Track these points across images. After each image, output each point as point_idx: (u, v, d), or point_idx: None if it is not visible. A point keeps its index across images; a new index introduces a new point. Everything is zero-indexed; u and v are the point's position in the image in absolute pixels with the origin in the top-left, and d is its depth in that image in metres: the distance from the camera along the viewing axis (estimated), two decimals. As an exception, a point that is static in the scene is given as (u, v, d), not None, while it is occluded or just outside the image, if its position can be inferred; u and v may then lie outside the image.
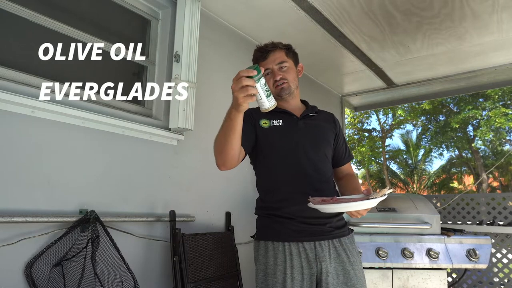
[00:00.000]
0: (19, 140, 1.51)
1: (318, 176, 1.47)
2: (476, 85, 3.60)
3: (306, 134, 1.51)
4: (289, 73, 1.52)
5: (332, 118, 1.66)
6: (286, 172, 1.47)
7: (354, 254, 1.43)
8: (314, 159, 1.48)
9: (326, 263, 1.36)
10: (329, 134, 1.58)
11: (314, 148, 1.49)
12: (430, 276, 2.17)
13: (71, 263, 1.54)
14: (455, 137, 13.61)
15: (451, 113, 13.16)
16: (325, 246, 1.38)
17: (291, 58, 1.55)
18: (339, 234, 1.42)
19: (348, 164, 1.65)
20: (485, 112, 11.70)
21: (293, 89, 1.54)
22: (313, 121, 1.57)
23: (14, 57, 1.63)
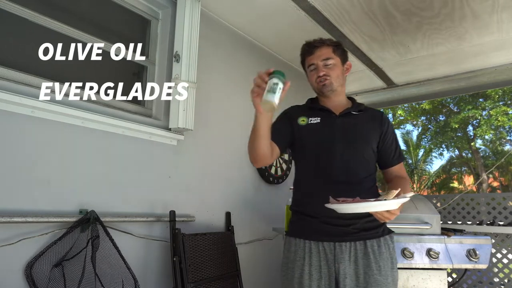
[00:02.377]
0: (19, 140, 1.51)
1: (349, 177, 1.44)
2: (476, 85, 3.59)
3: (342, 133, 1.49)
4: (334, 70, 1.51)
5: (379, 117, 1.56)
6: (315, 171, 1.48)
7: (383, 258, 1.37)
8: (347, 159, 1.45)
9: (345, 265, 1.35)
10: (371, 134, 1.52)
11: (348, 147, 1.47)
12: (430, 276, 2.16)
13: (71, 263, 1.54)
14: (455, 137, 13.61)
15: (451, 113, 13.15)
16: (346, 247, 1.37)
17: (338, 55, 1.54)
18: (364, 236, 1.38)
19: (397, 166, 1.55)
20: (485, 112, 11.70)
21: (336, 86, 1.51)
22: (353, 120, 1.52)
23: (14, 57, 1.63)
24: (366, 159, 1.49)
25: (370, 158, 1.52)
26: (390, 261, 1.40)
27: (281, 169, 2.97)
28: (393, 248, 1.44)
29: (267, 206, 2.81)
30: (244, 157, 2.68)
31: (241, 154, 2.66)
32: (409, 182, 1.56)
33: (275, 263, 2.86)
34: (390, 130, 1.56)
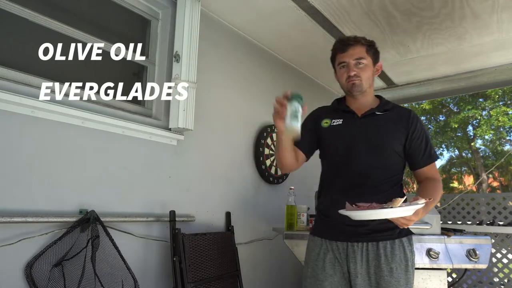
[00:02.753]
0: (19, 140, 1.51)
1: (367, 180, 1.45)
2: (476, 85, 3.59)
3: (362, 134, 1.48)
4: (365, 70, 1.48)
5: (406, 117, 1.50)
6: (334, 172, 1.53)
7: (396, 260, 1.37)
8: (365, 162, 1.45)
9: (356, 265, 1.38)
10: (395, 134, 1.47)
11: (367, 149, 1.46)
12: (430, 276, 2.16)
13: (71, 263, 1.54)
14: (455, 137, 13.59)
15: (451, 113, 13.14)
16: (358, 248, 1.39)
17: (370, 56, 1.51)
18: (377, 238, 1.39)
19: (427, 167, 1.48)
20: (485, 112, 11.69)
21: (365, 87, 1.49)
22: (376, 121, 1.50)
23: (14, 57, 1.63)
24: (387, 161, 1.47)
25: (393, 160, 1.48)
26: (404, 263, 1.38)
27: (281, 169, 2.97)
28: (411, 251, 1.42)
29: (267, 206, 2.81)
30: (244, 157, 2.69)
31: (241, 154, 2.66)
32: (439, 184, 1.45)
33: (275, 263, 2.86)
34: (418, 130, 1.48)
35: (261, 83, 2.93)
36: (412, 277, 1.40)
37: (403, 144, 1.48)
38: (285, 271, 2.96)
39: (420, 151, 1.48)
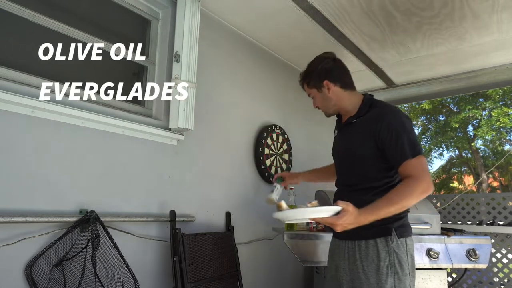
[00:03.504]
0: (19, 140, 1.51)
1: (348, 186, 1.59)
2: (476, 85, 3.59)
3: (341, 143, 1.66)
4: (316, 100, 1.66)
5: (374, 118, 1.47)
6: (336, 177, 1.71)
7: (368, 259, 1.42)
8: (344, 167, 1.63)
9: (340, 260, 1.56)
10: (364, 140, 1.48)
11: (343, 157, 1.63)
12: (430, 276, 2.17)
13: (71, 263, 1.54)
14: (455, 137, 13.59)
15: (451, 113, 13.14)
16: (342, 245, 1.56)
17: (312, 87, 1.64)
18: (354, 237, 1.48)
19: (401, 166, 1.38)
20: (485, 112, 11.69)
21: (330, 110, 1.65)
22: (351, 129, 1.57)
23: (14, 57, 1.63)
24: (363, 169, 1.51)
25: (369, 167, 1.48)
26: (375, 262, 1.40)
27: (281, 169, 2.97)
28: (388, 251, 1.40)
29: (267, 206, 2.81)
30: (244, 157, 2.69)
31: (241, 154, 2.66)
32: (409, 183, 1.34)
33: (275, 263, 2.86)
34: (385, 129, 1.41)
35: (261, 83, 2.93)
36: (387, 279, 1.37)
37: (375, 148, 1.45)
38: (285, 271, 2.96)
39: (391, 152, 1.41)
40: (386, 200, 1.32)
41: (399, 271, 1.39)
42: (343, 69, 1.63)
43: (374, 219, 1.30)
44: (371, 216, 1.30)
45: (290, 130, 3.15)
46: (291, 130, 3.17)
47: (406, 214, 1.51)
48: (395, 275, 1.39)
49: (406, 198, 1.31)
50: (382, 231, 1.43)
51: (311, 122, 3.49)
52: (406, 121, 1.44)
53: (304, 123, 3.42)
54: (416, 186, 1.32)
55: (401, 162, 1.38)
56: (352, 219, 1.26)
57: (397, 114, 1.46)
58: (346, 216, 1.25)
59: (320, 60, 1.62)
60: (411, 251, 1.46)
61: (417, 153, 1.38)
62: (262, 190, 2.80)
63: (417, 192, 1.31)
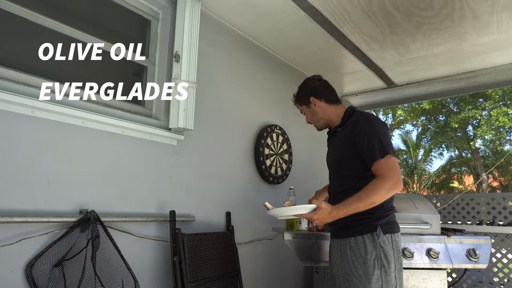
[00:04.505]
0: (19, 140, 1.51)
1: (335, 188, 1.76)
2: (476, 85, 3.60)
3: (330, 152, 1.84)
4: (308, 115, 1.88)
5: (351, 125, 1.65)
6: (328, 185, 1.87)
7: (356, 253, 1.55)
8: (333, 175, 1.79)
9: (334, 257, 1.68)
10: (344, 145, 1.65)
11: (332, 164, 1.80)
12: (430, 276, 2.16)
13: (71, 263, 1.55)
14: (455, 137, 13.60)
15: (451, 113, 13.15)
16: (335, 243, 1.70)
17: (302, 103, 1.87)
18: (344, 234, 1.63)
19: (372, 167, 1.53)
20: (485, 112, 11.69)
21: (319, 125, 1.86)
22: (336, 137, 1.78)
23: (14, 57, 1.63)
24: (346, 170, 1.66)
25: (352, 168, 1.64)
26: (363, 256, 1.53)
27: (281, 169, 2.97)
28: (374, 246, 1.53)
29: (267, 206, 2.81)
30: (244, 157, 2.69)
31: (241, 154, 2.66)
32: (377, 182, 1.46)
33: (275, 263, 2.86)
34: (358, 133, 1.57)
35: (261, 83, 2.93)
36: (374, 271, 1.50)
37: (355, 151, 1.61)
38: (285, 271, 2.96)
39: (364, 154, 1.57)
40: (355, 197, 1.48)
41: (385, 264, 1.52)
42: (327, 87, 1.85)
43: (345, 214, 1.48)
44: (342, 211, 1.47)
45: (290, 130, 3.15)
46: (291, 130, 3.17)
47: (391, 212, 1.63)
48: (382, 267, 1.52)
49: (372, 195, 1.46)
50: (368, 227, 1.56)
51: (311, 122, 3.49)
52: (377, 125, 1.59)
53: (304, 123, 3.41)
54: (382, 184, 1.46)
55: (372, 162, 1.53)
56: (326, 214, 1.47)
57: (370, 119, 1.62)
58: (320, 211, 1.47)
59: (307, 81, 1.88)
60: (398, 246, 1.59)
61: (385, 153, 1.51)
62: (262, 190, 2.81)
63: (384, 190, 1.45)
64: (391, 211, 1.64)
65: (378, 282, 1.50)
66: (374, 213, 1.55)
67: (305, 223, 2.31)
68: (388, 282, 1.51)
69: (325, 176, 3.14)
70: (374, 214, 1.56)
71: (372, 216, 1.56)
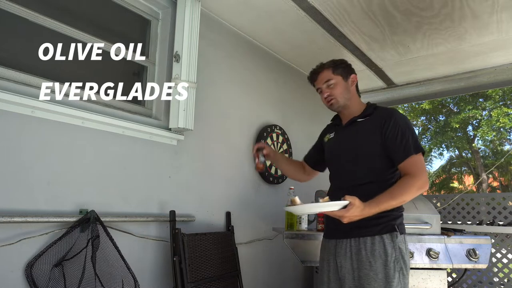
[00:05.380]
0: (19, 140, 1.51)
1: (352, 182, 1.59)
2: (476, 85, 3.60)
3: (344, 142, 1.68)
4: (335, 88, 1.66)
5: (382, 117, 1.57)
6: (331, 178, 1.75)
7: (375, 255, 1.45)
8: (348, 167, 1.63)
9: (341, 259, 1.54)
10: (372, 137, 1.56)
11: (349, 155, 1.63)
12: (430, 276, 2.17)
13: (71, 263, 1.55)
14: (455, 137, 13.59)
15: (451, 113, 13.14)
16: (343, 244, 1.55)
17: (339, 74, 1.68)
18: (358, 234, 1.51)
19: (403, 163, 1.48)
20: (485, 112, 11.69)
21: (342, 102, 1.66)
22: (356, 127, 1.65)
23: (14, 57, 1.63)
24: (368, 165, 1.56)
25: (374, 163, 1.55)
26: (383, 258, 1.44)
27: (281, 169, 2.97)
28: (394, 247, 1.45)
29: (267, 206, 2.81)
30: (244, 157, 2.69)
31: (241, 154, 2.66)
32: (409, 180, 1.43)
33: (275, 263, 2.86)
34: (392, 126, 1.51)
35: (261, 83, 2.93)
36: (395, 274, 1.43)
37: (381, 144, 1.54)
38: (285, 271, 2.96)
39: (395, 148, 1.51)
40: (388, 194, 1.41)
41: (403, 267, 1.46)
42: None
43: (377, 212, 1.38)
44: (374, 209, 1.37)
45: (290, 130, 3.15)
46: (291, 130, 3.17)
47: (403, 212, 1.58)
48: (400, 270, 1.45)
49: (405, 193, 1.41)
50: (387, 227, 1.48)
51: (311, 122, 3.49)
52: (409, 123, 1.57)
53: (304, 123, 3.42)
54: (414, 182, 1.42)
55: (405, 157, 1.48)
56: (358, 211, 1.34)
57: (403, 115, 1.59)
58: (353, 209, 1.33)
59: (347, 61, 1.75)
60: (408, 247, 1.54)
61: (418, 150, 1.49)
62: (262, 190, 2.81)
63: (415, 188, 1.42)
64: (403, 211, 1.58)
65: (398, 286, 1.42)
66: (392, 212, 1.49)
67: (305, 223, 2.30)
68: (405, 286, 1.45)
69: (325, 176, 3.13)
70: (392, 213, 1.49)
71: (391, 215, 1.49)
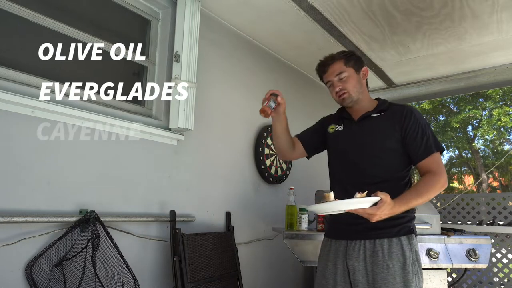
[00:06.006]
0: (19, 140, 1.51)
1: (365, 179, 1.50)
2: (476, 85, 3.60)
3: (358, 136, 1.57)
4: (348, 81, 1.55)
5: (400, 113, 1.50)
6: (335, 174, 1.65)
7: (393, 258, 1.38)
8: (359, 163, 1.53)
9: (353, 261, 1.44)
10: (389, 133, 1.49)
11: (361, 151, 1.54)
12: (430, 276, 2.17)
13: (71, 263, 1.55)
14: (455, 137, 13.59)
15: (451, 113, 13.14)
16: (356, 245, 1.46)
17: (351, 66, 1.57)
18: (374, 235, 1.43)
19: (424, 161, 1.44)
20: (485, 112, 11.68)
21: (355, 96, 1.56)
22: (371, 122, 1.56)
23: (14, 57, 1.63)
24: (384, 161, 1.49)
25: (390, 159, 1.49)
26: (402, 261, 1.38)
27: (281, 169, 2.97)
28: (411, 250, 1.41)
29: (267, 206, 2.81)
30: (244, 157, 2.69)
31: (241, 154, 2.66)
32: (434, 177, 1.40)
33: (275, 263, 2.86)
34: (412, 124, 1.47)
35: (261, 83, 2.93)
36: (411, 277, 1.37)
37: (400, 141, 1.48)
38: (285, 271, 2.96)
39: (416, 145, 1.46)
40: (414, 191, 1.36)
41: (419, 270, 1.41)
42: None
43: (404, 210, 1.33)
44: (403, 207, 1.31)
45: (290, 130, 3.14)
46: (291, 130, 3.15)
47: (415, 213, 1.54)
48: (417, 274, 1.40)
49: (431, 190, 1.37)
50: (405, 229, 1.44)
51: (311, 122, 3.48)
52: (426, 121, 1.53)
53: (304, 123, 3.41)
54: (438, 180, 1.39)
55: (426, 155, 1.44)
56: (389, 209, 1.27)
57: (421, 114, 1.54)
58: (384, 206, 1.25)
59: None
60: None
61: (438, 148, 1.46)
62: (262, 190, 2.81)
63: (439, 186, 1.38)
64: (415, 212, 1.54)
65: None
66: (408, 213, 1.44)
67: (305, 223, 2.30)
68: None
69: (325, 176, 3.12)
70: (408, 214, 1.44)
71: (407, 217, 1.44)
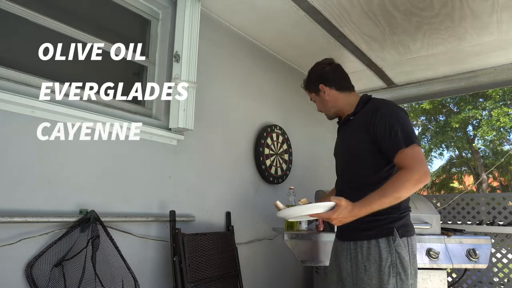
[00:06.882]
0: (19, 140, 1.51)
1: (347, 184, 1.60)
2: (476, 85, 3.60)
3: (341, 142, 1.69)
4: (317, 103, 1.72)
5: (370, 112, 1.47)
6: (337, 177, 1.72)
7: (370, 259, 1.41)
8: (343, 166, 1.64)
9: (342, 260, 1.54)
10: (360, 135, 1.49)
11: (342, 155, 1.66)
12: (430, 276, 2.17)
13: (71, 263, 1.55)
14: (455, 137, 13.59)
15: (451, 113, 13.14)
16: (344, 246, 1.55)
17: (312, 90, 1.71)
18: (355, 237, 1.48)
19: (396, 157, 1.37)
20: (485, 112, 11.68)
21: (330, 111, 1.69)
22: (348, 126, 1.63)
23: (14, 57, 1.63)
24: (355, 163, 1.53)
25: (361, 160, 1.49)
26: (377, 263, 1.39)
27: (281, 169, 2.97)
28: (390, 252, 1.39)
29: (267, 206, 2.81)
30: (244, 157, 2.69)
31: (241, 154, 2.66)
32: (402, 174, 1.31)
33: (275, 263, 2.86)
34: (379, 121, 1.42)
35: (261, 83, 2.93)
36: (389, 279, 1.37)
37: (371, 142, 1.45)
38: (285, 271, 2.96)
39: (385, 144, 1.40)
40: (379, 192, 1.31)
41: (401, 272, 1.38)
42: (339, 72, 1.67)
43: (368, 212, 1.30)
44: (365, 208, 1.29)
45: (290, 130, 3.15)
46: (291, 130, 3.17)
47: (407, 213, 1.50)
48: (397, 275, 1.38)
49: (399, 189, 1.29)
50: (384, 231, 1.42)
51: (311, 122, 3.49)
52: (399, 112, 1.44)
53: (304, 123, 3.42)
54: (409, 177, 1.29)
55: (395, 152, 1.36)
56: (346, 212, 1.28)
57: (390, 106, 1.47)
58: (340, 210, 1.28)
59: (317, 66, 1.71)
60: (414, 250, 1.45)
61: (410, 142, 1.35)
62: (262, 190, 2.81)
63: (411, 183, 1.29)
64: (407, 212, 1.49)
65: None
66: (390, 214, 1.42)
67: (305, 223, 2.30)
68: None
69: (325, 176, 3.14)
70: (390, 216, 1.42)
71: (388, 218, 1.42)
